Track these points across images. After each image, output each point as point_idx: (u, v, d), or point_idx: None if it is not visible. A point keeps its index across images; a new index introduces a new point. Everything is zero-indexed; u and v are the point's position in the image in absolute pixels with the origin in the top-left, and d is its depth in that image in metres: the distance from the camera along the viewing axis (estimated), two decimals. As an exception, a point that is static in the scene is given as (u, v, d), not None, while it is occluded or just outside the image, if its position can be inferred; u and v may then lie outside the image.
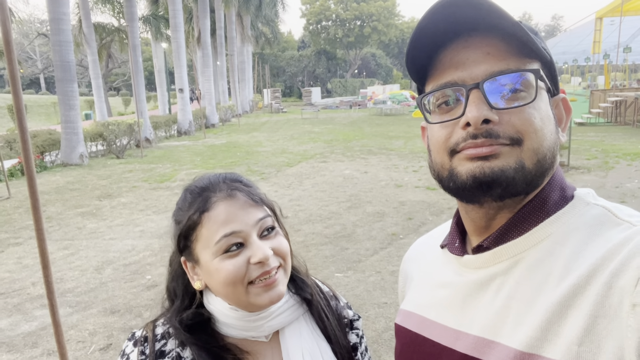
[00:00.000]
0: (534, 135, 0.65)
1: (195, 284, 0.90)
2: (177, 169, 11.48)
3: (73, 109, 12.14)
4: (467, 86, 0.66)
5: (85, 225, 6.86)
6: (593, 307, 0.58)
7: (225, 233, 0.83)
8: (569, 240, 0.65)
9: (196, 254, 0.87)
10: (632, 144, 12.31)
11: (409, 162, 11.16)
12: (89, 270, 5.11)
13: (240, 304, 0.86)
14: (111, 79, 47.52)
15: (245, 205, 0.87)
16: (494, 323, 0.67)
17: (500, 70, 0.65)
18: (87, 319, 4.00)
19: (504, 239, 0.70)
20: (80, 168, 11.84)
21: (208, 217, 0.85)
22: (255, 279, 0.83)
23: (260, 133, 19.82)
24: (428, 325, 0.78)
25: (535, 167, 0.66)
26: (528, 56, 0.67)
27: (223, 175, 0.92)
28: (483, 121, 0.64)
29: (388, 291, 4.35)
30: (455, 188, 0.69)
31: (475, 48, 0.67)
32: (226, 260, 0.83)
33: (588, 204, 0.69)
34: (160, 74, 24.98)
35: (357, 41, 54.04)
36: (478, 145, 0.65)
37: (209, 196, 0.87)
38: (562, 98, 0.73)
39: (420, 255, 0.93)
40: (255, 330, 0.89)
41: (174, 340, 0.88)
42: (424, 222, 6.38)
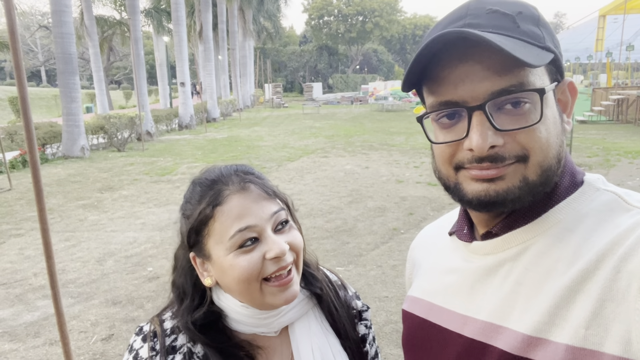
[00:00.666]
0: (540, 150, 0.64)
1: (205, 281, 0.86)
2: (179, 162, 11.48)
3: (75, 102, 12.13)
4: (469, 107, 0.64)
5: (86, 218, 6.88)
6: (601, 291, 0.58)
7: (240, 228, 0.80)
8: (579, 227, 0.65)
9: (208, 249, 0.84)
10: (633, 142, 12.30)
11: (410, 158, 11.16)
12: (91, 262, 5.13)
13: (253, 302, 0.84)
14: (112, 72, 47.43)
15: (259, 199, 0.83)
16: (502, 308, 0.67)
17: (503, 89, 0.62)
18: (89, 309, 4.02)
19: (513, 225, 0.70)
20: (81, 161, 11.84)
21: (221, 211, 0.81)
22: (270, 275, 0.81)
23: (261, 127, 19.80)
24: (436, 310, 0.78)
25: (540, 179, 0.65)
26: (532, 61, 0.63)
27: (234, 167, 0.89)
28: (489, 147, 0.63)
29: (389, 285, 4.36)
30: (461, 201, 0.71)
31: (474, 62, 0.63)
32: (241, 256, 0.80)
33: (598, 189, 0.69)
34: (161, 68, 24.94)
35: (359, 37, 53.88)
36: (484, 168, 0.65)
37: (221, 189, 0.83)
38: (568, 82, 0.72)
39: (428, 242, 0.93)
40: (265, 326, 0.87)
41: (184, 335, 0.85)
42: (425, 218, 6.39)
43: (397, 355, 3.25)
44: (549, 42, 0.66)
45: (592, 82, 31.19)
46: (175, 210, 4.21)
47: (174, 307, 0.90)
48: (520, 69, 0.62)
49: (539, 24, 0.67)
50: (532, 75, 0.64)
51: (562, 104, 0.71)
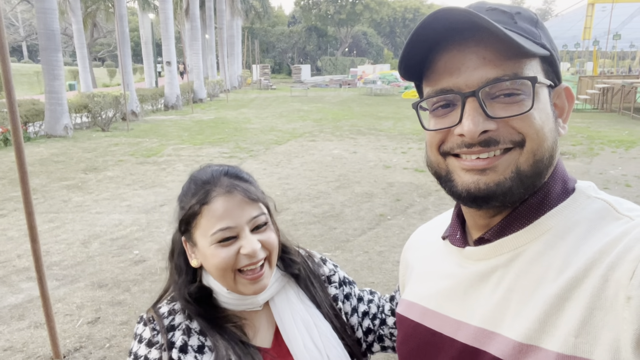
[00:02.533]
0: (535, 136, 0.64)
1: (192, 262, 1.01)
2: (164, 143, 11.35)
3: (57, 79, 11.84)
4: (462, 94, 0.65)
5: (70, 199, 6.79)
6: (590, 300, 0.59)
7: (221, 227, 0.93)
8: (570, 234, 0.66)
9: (195, 238, 0.97)
10: (617, 131, 12.50)
11: (397, 144, 11.19)
12: (76, 244, 5.08)
13: (229, 288, 0.97)
14: (96, 48, 46.31)
15: (242, 203, 0.96)
16: (494, 314, 0.68)
17: (497, 77, 0.64)
18: (74, 292, 4.00)
19: (505, 231, 0.70)
20: (64, 140, 11.63)
21: (207, 209, 0.95)
22: (243, 267, 0.94)
23: (248, 109, 19.63)
24: (430, 315, 0.79)
25: (532, 170, 0.66)
26: (525, 57, 0.65)
27: (225, 169, 1.01)
28: (480, 133, 0.64)
29: (375, 271, 4.41)
30: (451, 193, 0.71)
31: (471, 52, 0.65)
32: (220, 249, 0.93)
33: (589, 197, 0.69)
34: (147, 46, 24.43)
35: (349, 18, 53.36)
36: (474, 152, 0.66)
37: (210, 190, 0.96)
38: (564, 88, 0.72)
39: (421, 245, 0.93)
40: (251, 304, 1.01)
41: (181, 314, 0.98)
42: (411, 204, 6.45)
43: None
44: (545, 41, 0.67)
45: (579, 70, 31.44)
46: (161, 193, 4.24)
47: (167, 296, 1.04)
48: (515, 60, 0.64)
49: (536, 25, 0.68)
50: (527, 68, 0.65)
51: (558, 109, 0.72)
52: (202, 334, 0.96)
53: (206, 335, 0.96)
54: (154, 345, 0.93)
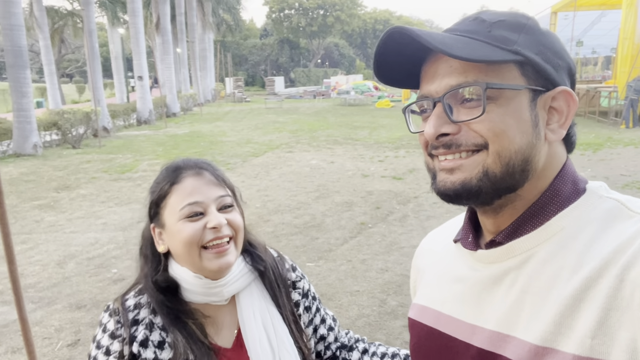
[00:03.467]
0: (496, 138, 0.66)
1: (159, 247, 1.04)
2: (139, 159, 11.16)
3: (26, 97, 11.54)
4: (432, 100, 0.70)
5: (43, 218, 6.59)
6: (605, 300, 0.58)
7: (189, 202, 0.99)
8: (582, 234, 0.66)
9: (163, 219, 1.02)
10: (584, 134, 12.91)
11: (374, 152, 11.29)
12: (51, 265, 4.92)
13: (195, 267, 1.00)
14: (63, 65, 45.32)
15: (210, 183, 1.03)
16: (509, 317, 0.67)
17: (458, 84, 0.67)
18: (51, 314, 3.86)
19: (517, 233, 0.70)
20: (34, 158, 11.31)
21: (176, 188, 1.01)
22: (208, 242, 0.98)
23: (223, 122, 19.50)
24: (443, 319, 0.78)
25: (501, 172, 0.66)
26: (494, 64, 0.66)
27: (195, 158, 1.09)
28: (441, 135, 0.68)
29: (359, 279, 4.42)
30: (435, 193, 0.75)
31: (443, 61, 0.70)
32: (187, 224, 0.98)
33: (600, 197, 0.69)
34: (117, 61, 24.05)
35: (321, 30, 53.86)
36: (441, 154, 0.70)
37: (180, 172, 1.04)
38: (560, 90, 0.70)
39: (433, 249, 0.93)
40: (215, 295, 1.03)
41: (146, 308, 1.00)
42: (391, 211, 6.49)
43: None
44: (522, 48, 0.67)
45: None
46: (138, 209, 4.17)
47: (135, 288, 1.06)
48: (479, 68, 0.67)
49: (520, 31, 0.68)
50: (494, 74, 0.66)
51: (557, 112, 0.71)
52: (164, 329, 0.98)
53: (168, 332, 0.98)
54: (117, 337, 0.97)
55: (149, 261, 1.06)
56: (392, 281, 4.34)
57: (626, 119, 13.93)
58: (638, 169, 8.38)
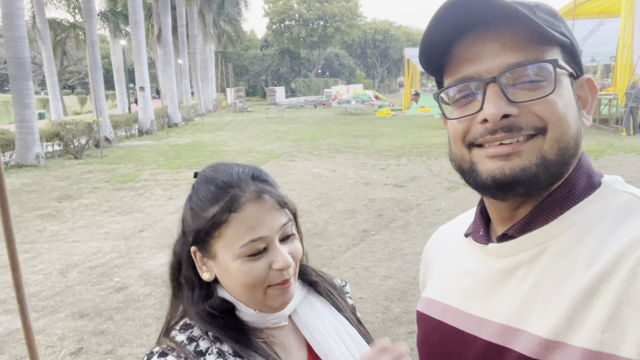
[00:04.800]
0: (558, 122, 0.64)
1: (204, 275, 0.88)
2: (140, 169, 11.17)
3: (28, 108, 11.60)
4: (483, 80, 0.65)
5: (45, 228, 6.59)
6: (618, 294, 0.57)
7: (253, 238, 0.81)
8: (596, 228, 0.64)
9: (214, 250, 0.85)
10: (585, 141, 12.69)
11: (376, 161, 11.30)
12: (53, 274, 4.91)
13: (254, 305, 0.86)
14: (65, 76, 45.66)
15: (272, 210, 0.84)
16: (519, 311, 0.66)
17: (517, 62, 0.63)
18: (54, 323, 3.85)
19: (529, 227, 0.69)
20: (36, 169, 11.34)
21: (236, 218, 0.82)
22: (274, 284, 0.83)
23: (225, 132, 19.56)
24: (452, 312, 0.77)
25: (558, 157, 0.65)
26: (546, 43, 0.65)
27: (250, 171, 0.88)
28: (503, 117, 0.63)
29: (363, 286, 4.40)
30: (476, 185, 0.69)
31: (491, 40, 0.65)
32: (248, 263, 0.82)
33: (616, 191, 0.68)
34: (119, 72, 24.23)
35: (321, 41, 54.22)
36: (497, 139, 0.65)
37: (238, 195, 0.83)
38: (586, 79, 0.72)
39: (443, 243, 0.92)
40: (276, 318, 0.89)
41: (205, 340, 0.83)
42: (394, 219, 6.48)
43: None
44: (564, 31, 0.67)
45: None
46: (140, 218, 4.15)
47: (176, 322, 0.88)
48: (535, 47, 0.64)
49: (555, 17, 0.69)
50: (548, 54, 0.65)
51: (581, 100, 0.71)
52: (237, 355, 0.82)
53: (242, 357, 0.82)
54: None
55: (197, 287, 0.89)
56: (395, 288, 4.32)
57: (627, 127, 13.95)
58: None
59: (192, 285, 0.89)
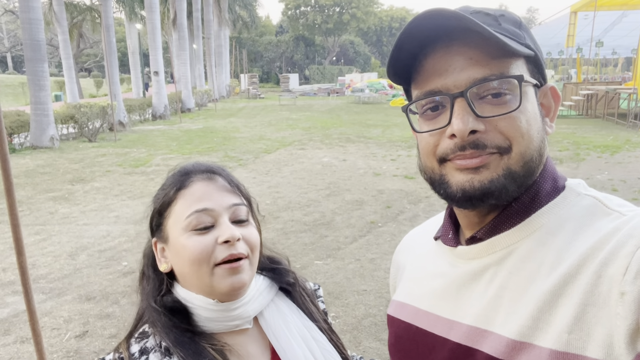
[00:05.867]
0: (521, 139, 0.65)
1: (161, 266, 0.89)
2: (153, 153, 11.26)
3: (43, 90, 11.72)
4: (451, 95, 0.66)
5: (57, 210, 6.68)
6: (583, 296, 0.59)
7: (197, 209, 0.83)
8: (561, 231, 0.66)
9: (167, 231, 0.87)
10: (602, 136, 12.68)
11: (387, 151, 11.23)
12: (63, 256, 4.99)
13: (203, 288, 0.83)
14: (82, 59, 45.99)
15: (222, 189, 0.88)
16: (487, 313, 0.68)
17: (484, 77, 0.64)
18: (61, 305, 3.91)
19: (497, 230, 0.70)
20: (50, 151, 11.49)
21: (183, 194, 0.86)
22: (221, 261, 0.82)
23: (237, 119, 19.59)
24: (422, 315, 0.78)
25: (523, 169, 0.66)
26: (511, 56, 0.66)
27: (209, 164, 0.94)
28: (470, 132, 0.64)
29: (367, 278, 4.39)
30: (446, 196, 0.71)
31: (458, 53, 0.66)
32: (194, 237, 0.82)
33: (579, 194, 0.70)
34: (134, 56, 24.30)
35: (336, 28, 53.74)
36: (467, 157, 0.65)
37: (189, 176, 0.89)
38: (550, 87, 0.74)
39: (413, 246, 0.93)
40: (237, 318, 0.87)
41: (156, 353, 0.81)
42: (402, 211, 6.45)
43: (376, 348, 3.28)
44: (529, 42, 0.69)
45: (562, 77, 31.94)
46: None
47: (138, 328, 0.88)
48: (500, 60, 0.65)
49: (520, 27, 0.70)
50: (513, 67, 0.66)
51: (545, 108, 0.73)
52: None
53: None
54: None
55: (151, 281, 0.90)
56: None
57: (646, 122, 13.64)
58: (657, 172, 8.20)
59: (147, 280, 0.91)
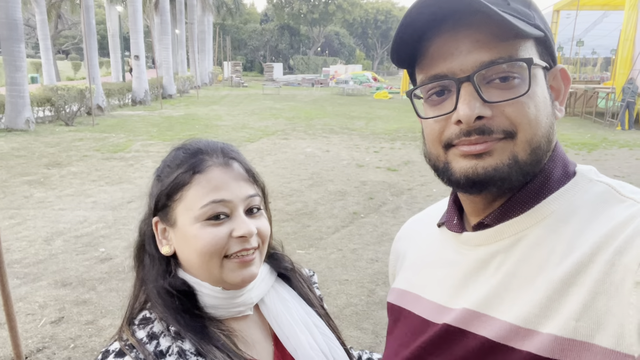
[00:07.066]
0: (528, 126, 0.63)
1: (163, 249, 0.84)
2: (132, 139, 11.04)
3: (19, 71, 11.36)
4: (457, 79, 0.63)
5: (32, 194, 6.51)
6: (594, 284, 0.57)
7: (215, 199, 0.79)
8: (572, 218, 0.64)
9: (175, 215, 0.81)
10: (579, 134, 12.93)
11: (370, 143, 11.24)
12: (38, 241, 4.87)
13: (211, 278, 0.81)
14: (60, 41, 44.80)
15: (239, 178, 0.83)
16: (490, 298, 0.66)
17: (491, 60, 0.62)
18: (36, 291, 3.82)
19: (506, 216, 0.68)
20: (26, 134, 11.17)
21: (198, 179, 0.80)
22: (232, 253, 0.79)
23: (220, 106, 19.35)
24: (424, 303, 0.76)
25: (530, 158, 0.64)
26: (520, 38, 0.63)
27: (221, 143, 0.88)
28: (476, 118, 0.62)
29: (349, 268, 4.40)
30: (450, 183, 0.69)
31: (464, 36, 0.63)
32: (208, 228, 0.78)
33: (591, 180, 0.68)
34: (114, 39, 23.75)
35: (322, 18, 53.40)
36: (472, 142, 0.64)
37: (205, 159, 0.82)
38: (560, 69, 0.71)
39: (414, 234, 0.90)
40: (241, 305, 0.85)
41: (166, 337, 0.77)
42: (384, 202, 6.47)
43: (357, 337, 3.29)
44: (539, 22, 0.66)
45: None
46: (129, 189, 4.08)
47: (138, 311, 0.83)
48: (509, 42, 0.63)
49: (529, 6, 0.67)
50: (522, 50, 0.63)
51: (554, 91, 0.71)
52: (199, 354, 0.77)
53: (204, 356, 0.77)
54: None
55: (156, 262, 0.84)
56: (381, 271, 4.33)
57: (622, 121, 13.96)
58: (632, 170, 8.40)
59: (153, 260, 0.85)
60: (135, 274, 0.87)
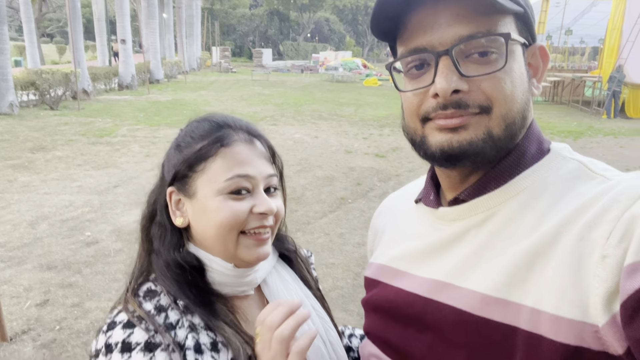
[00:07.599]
0: (503, 101, 0.64)
1: (176, 220, 0.82)
2: (119, 124, 10.91)
3: (2, 54, 11.11)
4: (436, 52, 0.64)
5: (16, 178, 6.42)
6: (562, 257, 0.58)
7: (240, 173, 0.79)
8: (545, 194, 0.65)
9: (195, 186, 0.80)
10: (566, 122, 13.06)
11: (359, 129, 11.25)
12: (22, 225, 4.82)
13: (224, 253, 0.81)
14: (44, 24, 43.79)
15: (262, 156, 0.84)
16: (462, 270, 0.67)
17: (470, 34, 0.62)
18: (21, 274, 3.79)
19: (481, 191, 0.70)
20: (9, 118, 10.97)
21: (224, 152, 0.80)
22: (250, 229, 0.80)
23: (208, 92, 19.16)
24: (400, 276, 0.78)
25: (504, 133, 0.65)
26: (499, 13, 0.63)
27: (246, 122, 0.88)
28: (453, 91, 0.63)
29: (336, 252, 4.43)
30: (425, 156, 0.70)
31: (444, 9, 0.63)
32: (229, 201, 0.78)
33: (564, 157, 0.69)
34: (99, 22, 23.24)
35: (312, 4, 52.86)
36: (448, 116, 0.64)
37: (231, 133, 0.82)
38: (539, 47, 0.72)
39: (393, 209, 0.92)
40: (248, 284, 0.86)
41: (174, 310, 0.76)
42: (372, 188, 6.51)
43: (342, 318, 3.33)
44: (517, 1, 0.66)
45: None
46: (115, 174, 4.05)
47: (141, 283, 0.81)
48: (488, 17, 0.63)
49: None
50: (501, 25, 0.64)
51: (532, 68, 0.71)
52: (208, 328, 0.76)
53: (214, 330, 0.76)
54: (157, 347, 0.69)
55: (168, 234, 0.83)
56: (367, 256, 4.37)
57: (608, 110, 14.12)
58: (616, 158, 8.53)
59: (164, 232, 0.84)
60: (140, 245, 0.86)
